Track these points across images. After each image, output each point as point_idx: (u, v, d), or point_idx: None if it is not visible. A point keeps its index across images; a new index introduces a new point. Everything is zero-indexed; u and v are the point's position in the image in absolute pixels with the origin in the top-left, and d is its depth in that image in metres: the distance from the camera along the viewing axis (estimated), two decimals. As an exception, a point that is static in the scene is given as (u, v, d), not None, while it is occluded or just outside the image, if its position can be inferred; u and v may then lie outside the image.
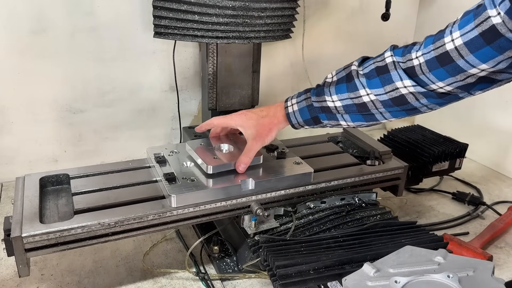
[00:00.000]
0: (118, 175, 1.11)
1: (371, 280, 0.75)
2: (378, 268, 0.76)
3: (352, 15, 1.82)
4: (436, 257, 0.77)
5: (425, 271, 0.74)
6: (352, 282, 0.75)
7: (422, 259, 0.78)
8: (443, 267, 0.74)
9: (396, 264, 0.77)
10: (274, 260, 0.87)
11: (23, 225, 0.87)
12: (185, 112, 1.65)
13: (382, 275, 0.76)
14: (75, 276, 1.07)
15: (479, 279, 0.72)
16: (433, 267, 0.75)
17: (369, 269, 0.76)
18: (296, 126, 1.05)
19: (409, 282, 0.72)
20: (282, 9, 1.20)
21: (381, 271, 0.76)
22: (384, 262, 0.78)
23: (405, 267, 0.76)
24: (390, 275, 0.75)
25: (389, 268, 0.76)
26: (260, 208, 1.01)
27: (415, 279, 0.73)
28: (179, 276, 1.08)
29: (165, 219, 0.97)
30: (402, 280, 0.73)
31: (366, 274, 0.76)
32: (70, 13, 1.38)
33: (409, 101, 0.88)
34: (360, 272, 0.77)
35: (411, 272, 0.74)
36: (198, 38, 1.17)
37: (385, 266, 0.77)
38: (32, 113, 1.45)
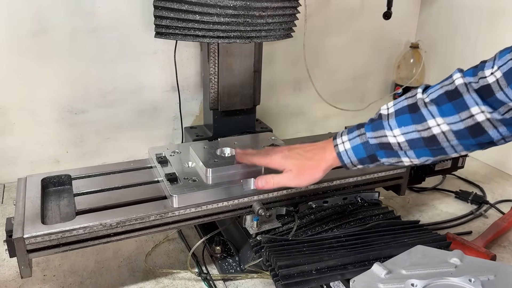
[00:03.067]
0: (119, 176, 1.11)
1: (382, 282, 0.69)
2: (390, 269, 0.71)
3: (354, 14, 1.81)
4: (452, 259, 0.72)
5: (442, 274, 0.68)
6: (362, 284, 0.70)
7: (436, 260, 0.72)
8: (461, 270, 0.69)
9: (408, 265, 0.72)
10: (276, 260, 0.87)
11: (25, 226, 0.87)
12: (186, 112, 1.65)
13: (394, 277, 0.70)
14: (77, 277, 1.07)
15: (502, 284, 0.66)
16: (450, 270, 0.70)
17: (380, 270, 0.71)
18: (349, 166, 0.90)
19: (427, 286, 0.67)
20: (283, 8, 1.19)
21: (393, 273, 0.71)
22: (395, 262, 0.73)
23: (419, 269, 0.71)
24: (404, 277, 0.69)
25: (401, 269, 0.71)
26: (262, 208, 1.01)
27: (433, 282, 0.67)
28: (181, 276, 1.08)
29: (167, 219, 0.97)
30: (419, 284, 0.67)
31: (377, 275, 0.71)
32: (71, 13, 1.38)
33: (486, 130, 0.74)
34: (370, 273, 0.72)
35: (427, 274, 0.69)
36: (199, 38, 1.16)
37: (396, 267, 0.72)
38: (34, 114, 1.45)
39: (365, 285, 0.70)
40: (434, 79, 1.92)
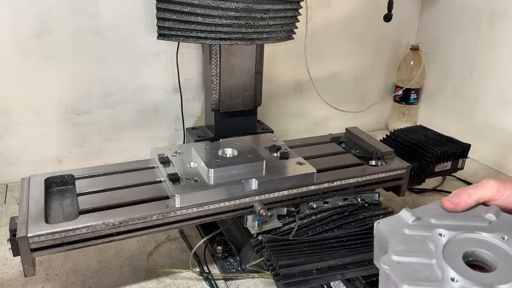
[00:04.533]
0: (122, 176, 1.12)
1: (409, 228, 0.64)
2: (418, 216, 0.66)
3: (355, 16, 1.82)
4: (487, 214, 0.65)
5: (474, 228, 0.63)
6: (386, 227, 0.65)
7: (469, 213, 0.66)
8: (495, 227, 0.63)
9: (439, 215, 0.66)
10: (277, 260, 0.88)
11: (28, 225, 0.88)
12: (188, 113, 1.66)
13: (422, 224, 0.65)
14: (80, 276, 1.08)
15: None
16: (483, 225, 0.63)
17: (408, 216, 0.66)
18: None
19: (455, 237, 0.61)
20: (285, 10, 1.20)
21: (421, 220, 0.65)
22: (424, 210, 0.67)
23: (450, 220, 0.65)
24: (432, 226, 0.64)
25: (430, 218, 0.66)
26: (263, 208, 1.02)
27: (462, 234, 0.62)
28: (183, 276, 1.08)
29: (169, 219, 0.98)
30: (447, 234, 0.61)
31: (404, 220, 0.66)
32: (74, 14, 1.39)
33: None
34: (397, 218, 0.67)
35: (457, 226, 0.63)
36: (201, 39, 1.17)
37: (426, 215, 0.66)
38: (37, 114, 1.46)
39: (390, 228, 0.65)
40: (434, 80, 1.93)
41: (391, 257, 0.62)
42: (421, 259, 0.61)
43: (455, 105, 1.85)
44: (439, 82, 1.92)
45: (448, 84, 1.88)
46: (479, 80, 1.74)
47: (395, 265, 0.62)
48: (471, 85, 1.77)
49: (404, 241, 0.63)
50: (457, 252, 0.60)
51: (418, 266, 0.61)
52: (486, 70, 1.71)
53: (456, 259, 0.60)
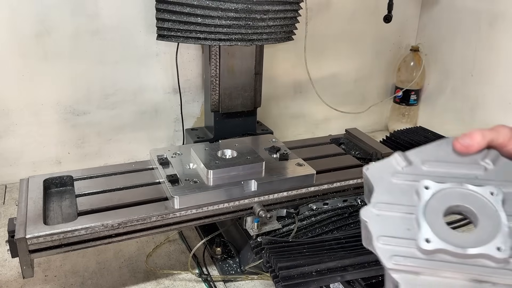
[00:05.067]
0: (121, 177, 1.12)
1: (397, 175, 0.62)
2: (410, 161, 0.63)
3: (355, 17, 1.82)
4: (484, 160, 0.61)
5: (466, 177, 0.60)
6: (374, 173, 0.63)
7: (466, 158, 0.62)
8: (489, 176, 0.60)
9: (432, 160, 0.62)
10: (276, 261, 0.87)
11: (27, 226, 0.88)
12: (187, 114, 1.65)
13: (412, 171, 0.62)
14: (79, 277, 1.08)
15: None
16: (477, 173, 0.60)
17: (399, 160, 0.63)
18: None
19: (440, 191, 0.59)
20: (285, 11, 1.20)
21: (412, 166, 0.62)
22: (419, 153, 0.63)
23: (442, 166, 0.62)
24: (422, 173, 0.61)
25: (422, 164, 0.63)
26: (262, 210, 1.02)
27: (449, 188, 0.59)
28: (182, 277, 1.08)
29: (168, 220, 0.97)
30: (433, 187, 0.59)
31: (394, 166, 0.63)
32: (74, 15, 1.38)
33: None
34: (387, 162, 0.64)
35: (448, 174, 0.61)
36: (201, 40, 1.17)
37: (418, 160, 0.63)
38: (36, 115, 1.46)
39: (378, 175, 0.63)
40: (434, 82, 1.93)
41: (371, 209, 0.61)
42: (401, 213, 0.60)
43: (455, 106, 1.85)
44: (439, 83, 1.92)
45: (448, 85, 1.88)
46: (479, 81, 1.73)
47: (375, 218, 0.60)
48: (471, 86, 1.77)
49: (389, 190, 0.61)
50: (439, 208, 0.58)
51: (397, 220, 0.59)
52: (486, 71, 1.71)
53: (436, 216, 0.58)
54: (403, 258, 0.57)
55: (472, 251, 0.54)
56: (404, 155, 0.62)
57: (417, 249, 0.57)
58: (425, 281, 0.56)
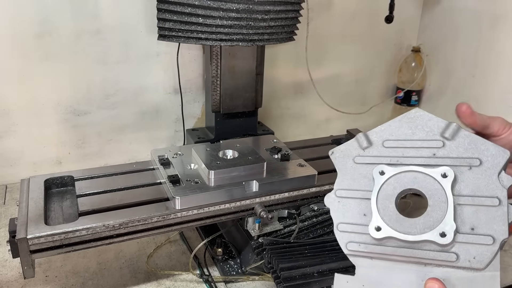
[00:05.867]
0: (122, 177, 1.12)
1: (358, 157, 0.64)
2: (371, 141, 0.64)
3: (356, 17, 1.82)
4: (444, 134, 0.62)
5: (424, 155, 0.61)
6: (338, 157, 0.66)
7: (425, 133, 0.63)
8: (448, 151, 0.61)
9: (393, 139, 0.63)
10: (278, 262, 0.87)
11: (28, 226, 0.88)
12: (188, 114, 1.65)
13: (372, 153, 0.64)
14: (79, 278, 1.08)
15: (479, 179, 0.58)
16: (434, 150, 0.61)
17: (362, 141, 0.65)
18: None
19: (394, 175, 0.61)
20: (286, 11, 1.20)
21: (373, 147, 0.64)
22: (381, 132, 0.65)
23: (402, 144, 0.63)
24: (381, 155, 0.63)
25: (383, 144, 0.64)
26: (264, 210, 1.01)
27: (402, 172, 0.61)
28: (183, 278, 1.08)
29: (169, 221, 0.97)
30: (388, 172, 0.61)
31: (356, 147, 0.65)
32: (75, 15, 1.38)
33: None
34: (351, 145, 0.66)
35: (406, 153, 0.62)
36: (202, 40, 1.17)
37: (379, 140, 0.64)
38: (36, 115, 1.45)
39: (342, 158, 0.66)
40: (436, 82, 1.93)
41: (333, 195, 0.66)
42: (359, 198, 0.63)
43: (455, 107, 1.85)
44: (440, 84, 1.91)
45: (449, 86, 1.88)
46: (481, 82, 1.73)
47: (336, 205, 0.66)
48: (472, 87, 1.77)
49: (351, 174, 0.65)
50: (392, 193, 0.61)
51: (355, 206, 0.64)
52: (487, 72, 1.70)
53: (389, 201, 0.61)
54: (357, 244, 0.62)
55: (418, 238, 0.58)
56: (366, 135, 0.65)
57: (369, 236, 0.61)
58: (377, 264, 0.60)
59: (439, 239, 0.57)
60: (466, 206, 0.58)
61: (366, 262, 0.62)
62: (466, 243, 0.57)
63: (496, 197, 0.56)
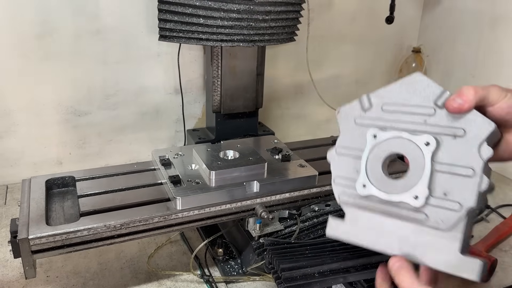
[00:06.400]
0: (123, 178, 1.12)
1: (358, 118, 0.71)
2: (372, 103, 0.70)
3: (356, 18, 1.82)
4: (438, 100, 0.65)
5: (415, 121, 0.65)
6: (343, 116, 0.73)
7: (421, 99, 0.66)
8: (436, 120, 0.64)
9: (391, 103, 0.68)
10: (279, 262, 0.87)
11: (29, 227, 0.88)
12: (189, 115, 1.65)
13: (370, 115, 0.70)
14: (80, 278, 1.08)
15: (460, 149, 0.61)
16: (426, 117, 0.65)
17: (364, 102, 0.70)
18: None
19: (384, 140, 0.67)
20: (287, 12, 1.20)
21: (372, 109, 0.70)
22: (382, 95, 0.70)
23: (398, 108, 0.68)
24: (378, 118, 0.69)
25: (381, 108, 0.69)
26: (264, 211, 1.01)
27: (391, 137, 0.67)
28: (184, 278, 1.08)
29: (170, 221, 0.97)
30: (379, 136, 0.68)
31: (358, 108, 0.71)
32: (75, 16, 1.38)
33: None
34: (354, 105, 0.72)
35: (399, 119, 0.67)
36: (203, 41, 1.17)
37: (379, 103, 0.69)
38: (37, 115, 1.45)
39: (345, 118, 0.72)
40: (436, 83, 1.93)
41: (333, 151, 0.74)
42: (354, 157, 0.71)
43: (456, 107, 1.85)
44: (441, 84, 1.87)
45: (449, 86, 1.88)
46: (481, 82, 1.73)
47: (335, 160, 0.74)
48: (472, 87, 1.77)
49: (351, 133, 0.72)
50: (380, 155, 0.68)
51: (351, 162, 0.72)
52: (487, 73, 1.71)
53: (377, 162, 0.68)
54: (347, 196, 0.72)
55: (394, 198, 0.66)
56: (368, 97, 0.71)
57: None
58: (364, 215, 0.69)
59: (412, 201, 0.64)
60: (443, 173, 0.63)
61: (354, 211, 0.71)
62: (436, 207, 0.63)
63: (471, 168, 0.60)
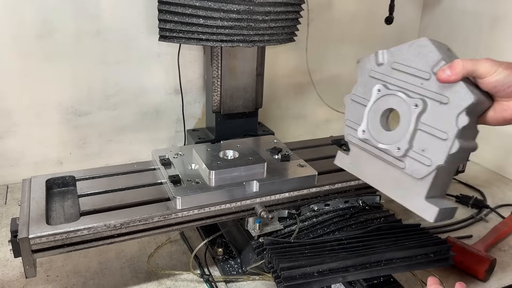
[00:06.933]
0: (123, 177, 1.12)
1: (372, 71, 0.83)
2: (385, 60, 0.81)
3: (356, 18, 1.82)
4: (434, 67, 0.73)
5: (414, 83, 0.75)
6: (361, 66, 0.86)
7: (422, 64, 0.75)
8: (429, 85, 0.74)
9: (399, 62, 0.78)
10: (278, 262, 0.88)
11: (30, 226, 0.88)
12: (189, 115, 1.66)
13: (382, 70, 0.81)
14: (80, 278, 1.08)
15: (442, 115, 0.71)
16: (422, 80, 0.75)
17: (380, 57, 0.81)
18: None
19: (385, 96, 0.79)
20: (286, 12, 1.21)
21: (384, 66, 0.81)
22: (394, 53, 0.80)
23: (403, 68, 0.77)
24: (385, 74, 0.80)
25: (391, 65, 0.79)
26: (264, 211, 1.02)
27: (391, 94, 0.78)
28: (184, 277, 1.08)
29: (170, 221, 0.98)
30: (382, 91, 0.79)
31: (373, 62, 0.83)
32: (76, 16, 1.39)
33: None
34: (372, 58, 0.83)
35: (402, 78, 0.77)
36: (202, 41, 1.17)
37: (390, 60, 0.80)
38: (38, 115, 1.46)
39: (363, 68, 0.86)
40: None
41: (349, 97, 0.89)
42: (362, 105, 0.84)
43: (455, 107, 1.85)
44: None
45: (449, 86, 1.88)
46: (480, 83, 1.74)
47: (349, 104, 0.88)
48: (472, 88, 1.77)
49: (364, 83, 0.85)
50: (380, 108, 0.80)
51: (359, 110, 0.85)
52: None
53: (376, 114, 0.81)
54: (352, 136, 0.87)
55: (382, 146, 0.79)
56: (382, 54, 0.81)
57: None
58: (363, 154, 0.85)
59: (394, 150, 0.77)
60: (424, 133, 0.74)
61: (356, 149, 0.87)
62: (413, 159, 0.75)
63: (446, 133, 0.70)
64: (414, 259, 0.94)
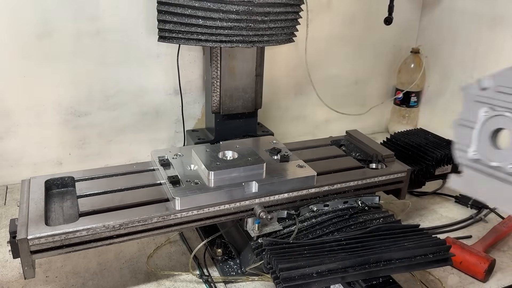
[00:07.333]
0: (122, 178, 1.12)
1: (477, 96, 0.85)
2: (489, 86, 0.83)
3: (355, 19, 1.82)
4: None
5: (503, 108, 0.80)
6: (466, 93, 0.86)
7: None
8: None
9: (504, 86, 0.81)
10: (277, 263, 0.88)
11: (29, 227, 0.88)
12: (188, 115, 1.66)
13: (487, 95, 0.84)
14: (80, 278, 1.08)
15: None
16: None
17: (484, 83, 0.84)
18: None
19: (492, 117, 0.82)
20: (285, 13, 1.21)
21: (489, 90, 0.84)
22: (498, 78, 0.83)
23: (508, 90, 0.81)
24: (490, 97, 0.83)
25: (495, 90, 0.82)
26: (263, 211, 1.02)
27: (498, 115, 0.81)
28: (183, 278, 1.08)
29: (169, 221, 0.97)
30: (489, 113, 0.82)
31: (477, 89, 0.85)
32: (76, 17, 1.39)
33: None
34: (475, 86, 0.85)
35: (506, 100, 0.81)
36: (202, 42, 1.17)
37: (494, 84, 0.83)
38: (37, 116, 1.46)
39: (469, 92, 0.86)
40: (435, 84, 1.94)
41: (456, 121, 0.90)
42: (469, 129, 0.86)
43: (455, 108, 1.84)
44: (439, 85, 1.92)
45: (448, 87, 1.88)
46: (480, 83, 1.74)
47: (457, 129, 0.90)
48: (471, 88, 1.77)
49: (470, 107, 0.86)
50: (489, 129, 0.83)
51: (467, 133, 0.87)
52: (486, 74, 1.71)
53: (486, 134, 0.84)
54: (463, 158, 0.89)
55: (494, 164, 0.82)
56: (486, 80, 0.84)
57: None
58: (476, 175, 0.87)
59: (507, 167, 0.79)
60: None
61: (469, 170, 0.88)
62: None
63: None
64: (413, 260, 0.94)
